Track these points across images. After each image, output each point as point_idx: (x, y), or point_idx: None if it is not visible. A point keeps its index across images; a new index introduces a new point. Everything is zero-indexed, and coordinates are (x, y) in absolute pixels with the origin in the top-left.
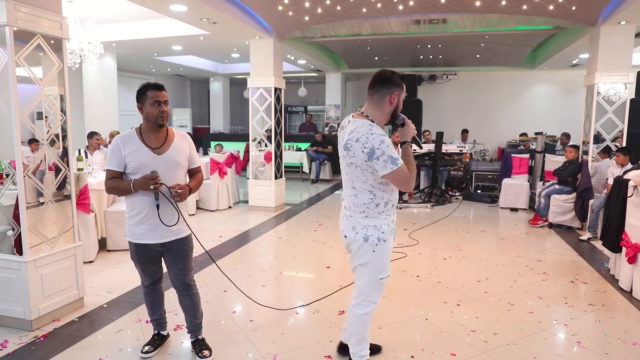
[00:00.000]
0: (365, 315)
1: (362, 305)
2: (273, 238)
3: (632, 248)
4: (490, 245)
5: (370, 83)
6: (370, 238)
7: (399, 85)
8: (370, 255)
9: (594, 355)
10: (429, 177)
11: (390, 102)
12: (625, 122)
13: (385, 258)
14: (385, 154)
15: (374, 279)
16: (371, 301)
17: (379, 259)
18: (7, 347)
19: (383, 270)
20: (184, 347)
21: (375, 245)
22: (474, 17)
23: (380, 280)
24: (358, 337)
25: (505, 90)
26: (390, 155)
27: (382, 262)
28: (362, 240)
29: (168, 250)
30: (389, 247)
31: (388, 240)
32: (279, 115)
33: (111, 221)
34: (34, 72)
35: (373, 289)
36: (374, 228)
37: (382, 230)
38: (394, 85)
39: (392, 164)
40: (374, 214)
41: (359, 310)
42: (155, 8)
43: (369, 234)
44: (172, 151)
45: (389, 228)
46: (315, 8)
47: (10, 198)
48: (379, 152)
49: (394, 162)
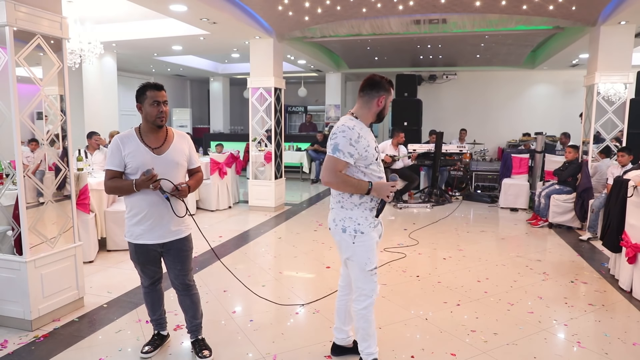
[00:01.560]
0: (363, 310)
1: (359, 300)
2: (273, 238)
3: (632, 248)
4: (490, 245)
5: (361, 86)
6: (348, 229)
7: (386, 90)
8: (352, 248)
9: (593, 355)
10: (429, 177)
11: (377, 104)
12: (625, 122)
13: (368, 250)
14: (336, 139)
15: (362, 272)
16: (366, 295)
17: (361, 250)
18: (7, 347)
19: (368, 262)
20: (183, 347)
21: (353, 237)
22: (474, 17)
23: (369, 272)
24: (362, 333)
25: (505, 90)
26: (337, 144)
27: (365, 254)
28: (341, 232)
29: (168, 251)
30: (369, 239)
31: (367, 233)
32: (278, 115)
33: (111, 221)
34: (34, 72)
35: (365, 282)
36: (350, 220)
37: (358, 222)
38: (382, 90)
39: (331, 150)
40: (349, 205)
41: (357, 305)
42: (155, 8)
43: (346, 225)
44: (171, 151)
45: (367, 221)
46: (315, 8)
47: (10, 198)
48: (333, 137)
49: (334, 150)
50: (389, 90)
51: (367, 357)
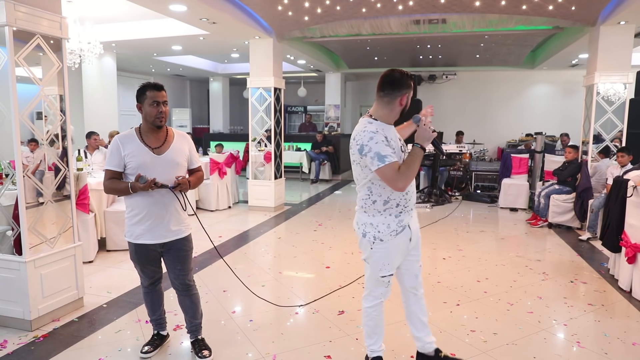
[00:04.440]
0: (369, 309)
1: (368, 298)
2: (273, 238)
3: (632, 248)
4: (490, 245)
5: (380, 84)
6: (367, 235)
7: (409, 87)
8: (369, 252)
9: (593, 355)
10: (429, 177)
11: (400, 104)
12: (624, 122)
13: (385, 257)
14: (372, 150)
15: (375, 276)
16: (375, 296)
17: (378, 257)
18: (7, 347)
19: (383, 269)
20: (183, 347)
21: (372, 243)
22: (473, 17)
23: (382, 278)
24: (367, 330)
25: (504, 90)
26: (377, 152)
27: (381, 260)
28: (361, 236)
29: (168, 251)
30: (390, 247)
31: (387, 241)
32: (278, 115)
33: (111, 221)
34: (34, 72)
35: (375, 285)
36: (371, 226)
37: (379, 229)
38: (404, 87)
39: (378, 161)
40: (372, 211)
41: (365, 302)
42: (155, 8)
43: (367, 231)
44: (171, 151)
45: (389, 229)
46: (315, 8)
47: (9, 198)
48: (367, 149)
49: (380, 159)
50: (411, 87)
51: (370, 354)
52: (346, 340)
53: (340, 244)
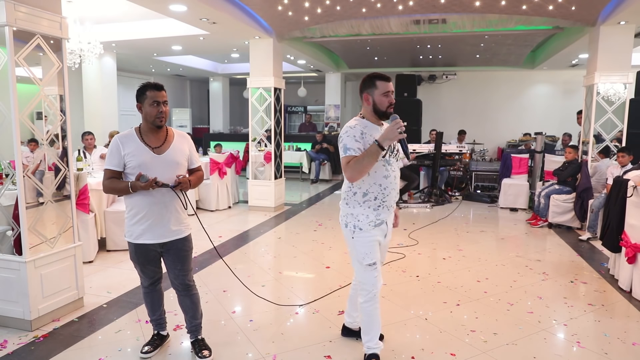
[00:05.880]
0: (364, 304)
1: (362, 294)
2: (273, 238)
3: (632, 248)
4: (490, 245)
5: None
6: (349, 225)
7: (367, 87)
8: (350, 242)
9: (593, 355)
10: (429, 177)
11: (366, 102)
12: (624, 122)
13: (365, 245)
14: (342, 142)
15: (361, 265)
16: (367, 290)
17: (359, 245)
18: (7, 347)
19: (366, 257)
20: (183, 347)
21: (353, 232)
22: (473, 17)
23: (368, 266)
24: (364, 326)
25: (505, 90)
26: (345, 144)
27: (362, 248)
28: (344, 226)
29: (167, 251)
30: (369, 236)
31: (366, 230)
32: (278, 115)
33: (111, 221)
34: (34, 72)
35: (364, 276)
36: (352, 216)
37: (358, 219)
38: (366, 87)
39: (342, 152)
40: (353, 202)
41: (360, 299)
42: (155, 8)
43: (348, 221)
44: (171, 151)
45: (368, 219)
46: (315, 8)
47: (9, 198)
48: (340, 140)
49: (344, 151)
50: (370, 86)
51: (366, 350)
52: (346, 341)
53: (340, 244)
